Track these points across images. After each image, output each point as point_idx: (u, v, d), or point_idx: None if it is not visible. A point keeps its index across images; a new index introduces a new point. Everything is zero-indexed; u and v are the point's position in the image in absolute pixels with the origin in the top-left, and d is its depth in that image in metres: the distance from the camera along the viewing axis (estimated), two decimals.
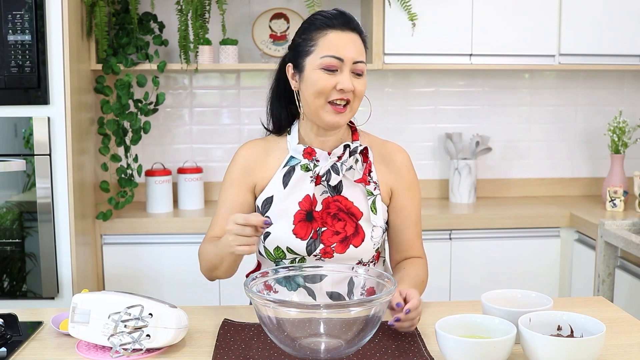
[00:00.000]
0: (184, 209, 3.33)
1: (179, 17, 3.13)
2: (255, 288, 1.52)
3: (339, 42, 1.70)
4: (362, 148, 1.80)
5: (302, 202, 1.77)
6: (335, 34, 1.70)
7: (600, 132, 3.64)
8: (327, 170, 1.77)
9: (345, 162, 1.78)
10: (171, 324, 1.48)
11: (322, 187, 1.78)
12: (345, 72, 1.69)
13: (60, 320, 1.64)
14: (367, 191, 1.79)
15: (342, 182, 1.79)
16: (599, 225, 2.86)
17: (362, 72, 1.72)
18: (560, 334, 1.44)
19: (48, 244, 2.71)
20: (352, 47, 1.70)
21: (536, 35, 3.24)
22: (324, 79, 1.69)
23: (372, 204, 1.78)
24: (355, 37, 1.72)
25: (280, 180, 1.80)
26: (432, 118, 3.64)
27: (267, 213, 1.79)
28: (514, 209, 3.32)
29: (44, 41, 2.63)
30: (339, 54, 1.69)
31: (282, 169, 1.81)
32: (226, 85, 3.56)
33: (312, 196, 1.76)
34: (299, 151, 1.80)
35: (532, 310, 1.50)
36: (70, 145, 2.69)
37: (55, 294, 2.74)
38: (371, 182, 1.80)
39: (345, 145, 1.79)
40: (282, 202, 1.78)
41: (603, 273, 2.83)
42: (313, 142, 1.81)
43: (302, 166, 1.79)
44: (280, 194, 1.79)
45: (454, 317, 1.44)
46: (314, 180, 1.77)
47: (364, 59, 1.72)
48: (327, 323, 1.40)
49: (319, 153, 1.79)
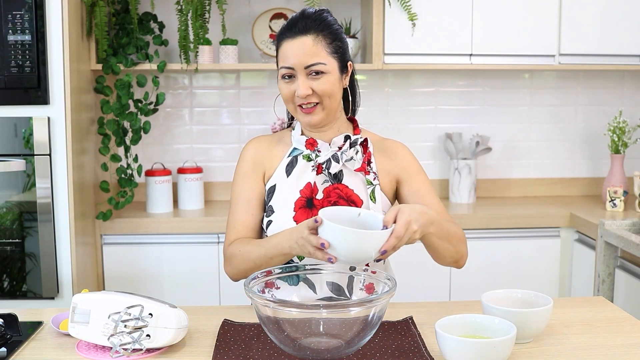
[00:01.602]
0: (184, 209, 3.32)
1: (179, 17, 3.13)
2: (256, 288, 1.52)
3: (289, 51, 1.76)
4: (362, 140, 1.85)
5: (303, 190, 1.82)
6: (286, 44, 1.77)
7: (600, 132, 3.64)
8: (328, 158, 1.83)
9: (346, 152, 1.83)
10: (171, 324, 1.48)
11: (323, 176, 1.83)
12: (300, 78, 1.75)
13: (60, 320, 1.64)
14: (367, 180, 1.83)
15: (342, 171, 1.84)
16: (599, 225, 2.86)
17: (319, 71, 1.74)
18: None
19: (48, 244, 2.71)
20: (300, 52, 1.74)
21: (536, 35, 3.24)
22: (284, 88, 1.79)
23: (372, 193, 1.82)
24: (305, 39, 1.74)
25: (284, 169, 1.86)
26: (432, 118, 3.64)
27: (270, 202, 1.84)
28: (513, 209, 3.32)
29: (44, 41, 2.63)
30: (288, 63, 1.76)
31: (285, 159, 1.87)
32: (226, 85, 3.56)
33: (313, 184, 1.82)
34: (302, 142, 1.86)
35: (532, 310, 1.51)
36: (70, 145, 2.69)
37: (55, 294, 2.74)
38: (370, 172, 1.84)
39: (346, 136, 1.84)
40: (284, 191, 1.83)
41: (603, 273, 2.83)
42: (313, 135, 1.87)
43: (304, 156, 1.85)
44: (283, 183, 1.84)
45: (454, 317, 1.44)
46: (315, 169, 1.83)
47: (318, 59, 1.74)
48: (327, 323, 1.40)
49: (320, 144, 1.85)
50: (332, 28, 1.78)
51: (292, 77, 1.77)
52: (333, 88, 1.77)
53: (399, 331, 1.60)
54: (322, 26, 1.76)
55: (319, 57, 1.74)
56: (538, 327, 1.53)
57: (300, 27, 1.75)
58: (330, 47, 1.76)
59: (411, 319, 1.68)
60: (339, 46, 1.78)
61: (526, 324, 1.50)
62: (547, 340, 1.56)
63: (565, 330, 1.63)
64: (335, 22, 1.80)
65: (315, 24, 1.75)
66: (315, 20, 1.76)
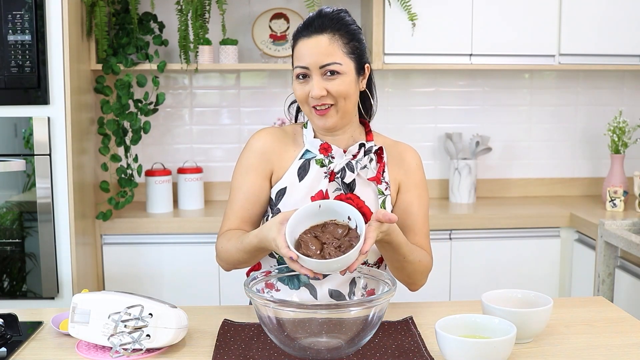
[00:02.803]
0: (184, 209, 3.33)
1: (179, 17, 3.13)
2: (256, 287, 1.52)
3: (304, 50, 1.71)
4: (377, 148, 1.80)
5: (314, 197, 1.76)
6: (302, 43, 1.72)
7: (600, 132, 3.64)
8: (342, 167, 1.76)
9: (360, 161, 1.78)
10: (171, 324, 1.48)
11: (335, 183, 1.77)
12: (315, 78, 1.70)
13: (60, 320, 1.64)
14: (379, 190, 1.78)
15: (355, 180, 1.78)
16: (599, 225, 2.86)
17: (335, 72, 1.69)
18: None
19: (48, 244, 2.71)
20: (315, 51, 1.69)
21: (536, 35, 3.24)
22: (299, 88, 1.73)
23: (382, 204, 1.78)
24: (321, 38, 1.69)
25: (296, 173, 1.79)
26: (432, 118, 3.64)
27: (279, 204, 1.78)
28: (514, 209, 3.32)
29: (44, 41, 2.63)
30: (303, 63, 1.70)
31: (297, 160, 1.81)
32: (226, 85, 3.56)
33: (325, 192, 1.77)
34: (316, 145, 1.80)
35: (532, 310, 1.51)
36: (70, 145, 2.69)
37: (55, 294, 2.74)
38: (383, 182, 1.79)
39: (361, 144, 1.79)
40: (295, 196, 1.78)
41: (603, 273, 2.83)
42: (325, 139, 1.81)
43: (317, 160, 1.79)
44: (294, 186, 1.78)
45: (454, 317, 1.44)
46: (327, 176, 1.77)
47: (333, 59, 1.69)
48: (327, 323, 1.40)
49: (334, 150, 1.79)
50: (350, 28, 1.72)
51: (306, 77, 1.71)
52: (349, 90, 1.71)
53: (399, 331, 1.60)
54: (338, 25, 1.70)
55: (334, 56, 1.69)
56: (538, 327, 1.53)
57: (316, 25, 1.70)
58: (347, 47, 1.71)
59: (411, 319, 1.68)
60: (356, 47, 1.73)
61: (526, 324, 1.50)
62: (547, 341, 1.56)
63: (565, 330, 1.63)
64: (354, 23, 1.75)
65: (332, 23, 1.70)
66: (332, 20, 1.71)
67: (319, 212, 1.54)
